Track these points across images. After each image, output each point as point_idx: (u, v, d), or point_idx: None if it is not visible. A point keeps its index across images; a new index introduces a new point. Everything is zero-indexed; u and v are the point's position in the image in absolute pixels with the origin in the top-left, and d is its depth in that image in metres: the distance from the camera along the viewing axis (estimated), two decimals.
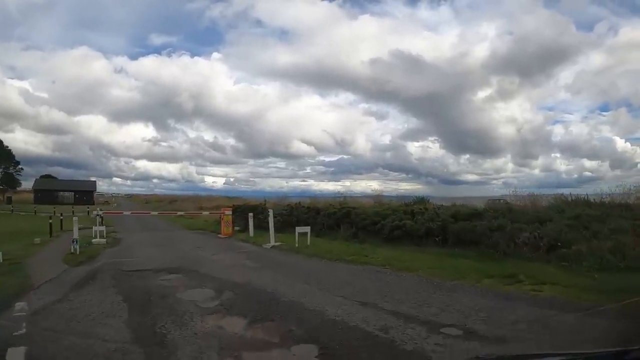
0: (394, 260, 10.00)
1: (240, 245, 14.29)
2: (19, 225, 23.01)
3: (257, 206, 19.15)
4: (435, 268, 9.07)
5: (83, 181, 79.97)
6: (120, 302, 6.74)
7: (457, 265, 9.32)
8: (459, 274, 8.48)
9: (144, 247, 13.81)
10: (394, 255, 10.74)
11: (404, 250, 11.50)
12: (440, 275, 8.43)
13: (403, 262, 9.79)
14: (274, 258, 11.09)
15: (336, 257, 10.70)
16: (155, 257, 11.51)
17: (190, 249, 13.27)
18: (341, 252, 11.43)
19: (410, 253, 11.02)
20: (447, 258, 10.30)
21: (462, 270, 8.79)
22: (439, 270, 8.83)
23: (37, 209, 42.29)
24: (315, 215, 16.59)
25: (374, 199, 21.32)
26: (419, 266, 9.29)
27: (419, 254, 10.85)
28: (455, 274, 8.45)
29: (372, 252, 11.24)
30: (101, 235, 16.28)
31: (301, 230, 12.88)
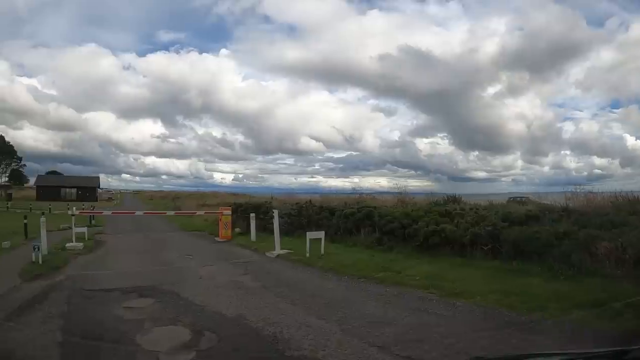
0: (437, 279, 7.63)
1: (239, 252, 12.02)
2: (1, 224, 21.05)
3: (260, 205, 16.85)
4: (497, 292, 6.67)
5: (86, 177, 78.75)
6: (54, 348, 4.63)
7: (525, 288, 6.90)
8: (534, 301, 6.08)
9: (125, 255, 11.65)
10: (436, 271, 8.37)
11: (445, 264, 9.11)
12: (509, 305, 6.05)
13: (451, 282, 7.41)
14: (279, 273, 8.76)
15: (360, 272, 8.34)
16: (132, 270, 9.39)
17: (178, 257, 11.03)
18: (365, 265, 9.08)
19: (455, 268, 8.63)
20: (506, 276, 7.91)
21: (535, 295, 6.38)
22: (504, 296, 6.45)
23: (34, 205, 40.70)
24: (329, 216, 14.25)
25: (397, 197, 18.95)
26: (474, 289, 6.92)
27: (468, 270, 8.46)
28: (529, 302, 6.06)
29: (405, 266, 8.88)
30: (81, 237, 14.35)
31: (313, 235, 10.57)
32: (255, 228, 14.03)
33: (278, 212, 11.78)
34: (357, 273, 8.32)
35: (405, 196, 19.13)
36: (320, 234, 10.70)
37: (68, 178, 78.61)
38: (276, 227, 11.27)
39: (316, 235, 10.64)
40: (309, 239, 10.32)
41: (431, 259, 9.68)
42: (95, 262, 10.50)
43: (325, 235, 11.78)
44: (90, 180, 77.47)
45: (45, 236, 11.59)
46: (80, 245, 12.62)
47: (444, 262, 9.35)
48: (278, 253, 10.86)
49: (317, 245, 10.49)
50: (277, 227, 11.27)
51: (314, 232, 10.90)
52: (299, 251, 10.98)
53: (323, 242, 10.58)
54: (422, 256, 10.08)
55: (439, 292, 6.94)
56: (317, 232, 10.90)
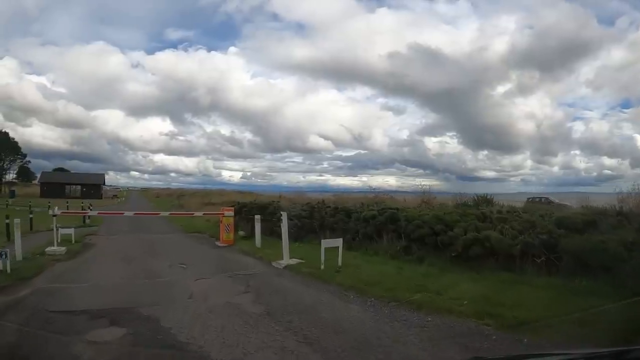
0: (490, 303, 5.99)
1: (241, 261, 10.45)
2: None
3: (267, 205, 15.26)
4: (572, 323, 5.03)
5: (91, 174, 78.03)
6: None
7: (609, 317, 5.29)
8: (623, 334, 4.44)
9: (110, 262, 10.18)
10: (484, 291, 6.71)
11: (493, 281, 7.46)
12: (597, 341, 4.42)
13: (508, 307, 5.75)
14: (288, 292, 7.13)
15: (389, 293, 6.70)
16: (113, 283, 7.91)
17: (169, 266, 9.49)
18: (394, 282, 7.46)
19: (506, 286, 6.95)
20: (572, 298, 6.28)
21: (622, 328, 4.74)
22: (582, 327, 4.83)
23: (35, 203, 39.65)
24: (345, 218, 12.64)
25: (420, 197, 17.34)
26: (541, 317, 5.32)
27: (522, 289, 6.79)
28: (616, 335, 4.44)
29: (444, 284, 7.24)
30: (68, 239, 13.10)
31: (329, 244, 8.97)
32: (260, 232, 12.45)
33: (287, 214, 10.16)
34: (385, 294, 6.70)
35: (428, 196, 17.54)
36: (337, 242, 9.11)
37: (73, 175, 78.09)
38: (285, 233, 9.69)
39: (332, 243, 9.05)
40: (324, 248, 8.73)
41: (473, 274, 8.06)
42: (73, 271, 9.04)
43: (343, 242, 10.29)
44: (95, 178, 76.68)
45: (19, 240, 10.22)
46: (62, 250, 11.19)
47: (490, 278, 7.72)
48: (287, 263, 9.28)
49: (333, 253, 8.90)
50: (285, 232, 9.69)
51: (330, 239, 9.32)
52: (311, 261, 9.43)
53: (341, 251, 8.98)
54: (460, 270, 8.47)
55: (496, 322, 5.31)
56: (334, 239, 9.31)
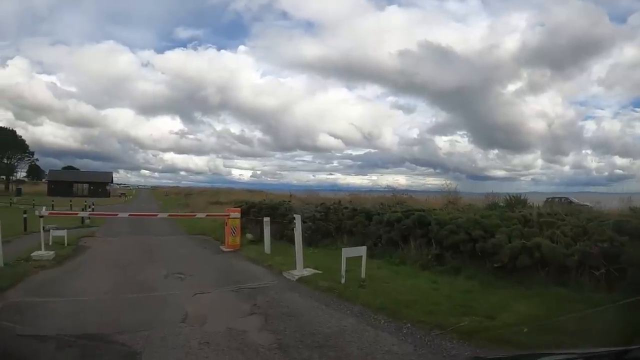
0: (554, 329, 4.74)
1: (248, 270, 9.22)
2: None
3: (277, 206, 14.02)
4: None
5: (98, 172, 77.85)
6: None
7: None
8: None
9: (100, 271, 9.04)
10: (541, 312, 5.50)
11: (548, 299, 6.20)
12: None
13: (576, 336, 4.46)
14: (304, 315, 5.82)
15: (429, 317, 5.41)
16: (96, 298, 6.75)
17: (165, 276, 8.30)
18: (431, 301, 6.19)
19: (565, 306, 5.61)
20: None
21: None
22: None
23: (38, 201, 39.05)
24: (365, 221, 11.39)
25: (445, 197, 15.96)
26: None
27: (584, 309, 5.48)
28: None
29: (493, 304, 5.96)
30: (60, 242, 12.15)
31: (351, 253, 7.71)
32: (270, 236, 11.22)
33: (300, 217, 8.91)
34: (424, 318, 5.42)
35: (455, 196, 16.18)
36: (360, 251, 7.85)
37: (80, 173, 78.09)
38: (298, 239, 8.43)
39: (355, 252, 7.80)
40: (345, 258, 7.47)
41: (522, 290, 6.79)
42: (56, 281, 7.93)
43: None
44: (103, 176, 76.52)
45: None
46: (49, 255, 10.11)
47: (544, 295, 6.46)
48: (300, 274, 8.03)
49: (354, 262, 7.66)
50: (299, 238, 8.44)
51: (352, 248, 8.06)
52: (328, 271, 8.21)
53: (364, 262, 7.73)
54: (505, 284, 7.22)
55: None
56: (356, 248, 8.06)
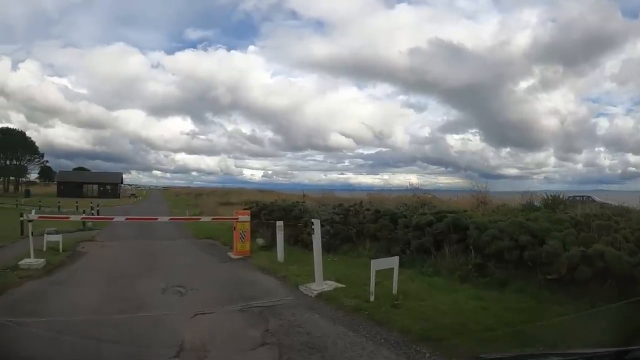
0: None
1: (258, 282, 8.12)
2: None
3: (291, 207, 12.91)
4: None
5: (108, 173, 77.76)
6: None
7: None
8: None
9: (91, 283, 8.03)
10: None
11: (623, 316, 5.01)
12: None
13: None
14: (328, 348, 4.65)
15: (485, 347, 4.26)
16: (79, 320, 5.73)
17: (163, 290, 7.24)
18: (482, 323, 5.05)
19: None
20: None
21: None
22: None
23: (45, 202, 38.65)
24: (390, 224, 10.25)
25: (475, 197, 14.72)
26: None
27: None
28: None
29: (561, 328, 4.84)
30: (55, 247, 11.26)
31: (381, 265, 6.57)
32: (282, 244, 10.05)
33: (319, 221, 7.76)
34: (480, 348, 4.27)
35: (485, 195, 14.93)
36: (391, 262, 6.70)
37: (90, 174, 78.22)
38: (317, 247, 7.29)
39: (385, 264, 6.67)
40: (374, 270, 6.34)
41: (588, 308, 5.60)
42: (39, 296, 6.97)
43: (389, 254, 7.98)
44: (113, 177, 76.38)
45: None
46: (39, 263, 9.20)
47: (611, 311, 5.25)
48: (320, 289, 6.91)
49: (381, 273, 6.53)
50: (318, 246, 7.29)
51: (382, 259, 6.89)
52: (352, 284, 7.14)
53: (396, 275, 6.59)
54: (563, 299, 6.11)
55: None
56: (387, 259, 6.91)
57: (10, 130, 70.68)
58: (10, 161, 69.55)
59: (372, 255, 10.18)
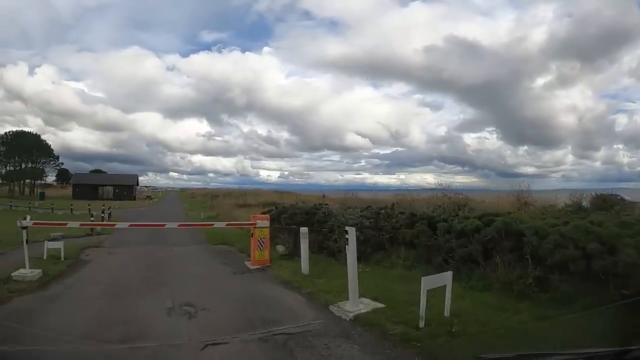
0: None
1: (281, 300, 7.00)
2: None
3: (314, 211, 11.80)
4: None
5: (124, 175, 77.96)
6: None
7: None
8: None
9: (88, 299, 7.06)
10: None
11: None
12: None
13: None
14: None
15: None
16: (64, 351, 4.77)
17: (169, 310, 6.21)
18: None
19: None
20: None
21: None
22: None
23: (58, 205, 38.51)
24: (428, 230, 9.10)
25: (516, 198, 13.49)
26: None
27: None
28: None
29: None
30: (56, 255, 10.50)
31: (433, 283, 5.45)
32: (307, 253, 8.91)
33: (353, 229, 6.60)
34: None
35: (526, 196, 13.70)
36: (443, 279, 5.59)
37: (105, 176, 78.77)
38: (352, 259, 6.14)
39: (437, 281, 5.55)
40: (425, 290, 5.24)
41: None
42: (27, 316, 6.06)
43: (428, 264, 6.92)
44: (128, 179, 76.54)
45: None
46: (34, 274, 8.36)
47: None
48: (357, 311, 5.82)
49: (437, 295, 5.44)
50: (353, 260, 6.15)
51: (433, 276, 5.72)
52: (393, 304, 6.10)
53: (449, 293, 5.48)
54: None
55: None
56: (439, 275, 5.75)
57: (25, 133, 71.57)
58: (26, 164, 70.25)
59: (408, 265, 9.11)
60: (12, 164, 69.18)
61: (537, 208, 12.66)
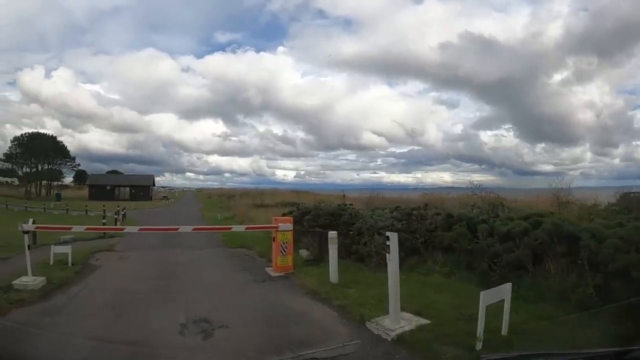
0: None
1: (310, 315, 6.21)
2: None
3: (339, 212, 10.99)
4: None
5: (140, 175, 78.22)
6: None
7: None
8: None
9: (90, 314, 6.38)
10: None
11: None
12: None
13: None
14: None
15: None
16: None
17: (181, 329, 5.47)
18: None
19: None
20: None
21: None
22: None
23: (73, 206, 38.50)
24: (467, 233, 8.26)
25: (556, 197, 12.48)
26: None
27: None
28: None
29: None
30: (64, 260, 9.87)
31: (492, 297, 4.64)
32: (336, 259, 8.08)
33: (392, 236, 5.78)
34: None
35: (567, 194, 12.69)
36: (501, 292, 4.78)
37: (121, 177, 79.34)
38: (394, 272, 5.33)
39: (495, 295, 4.74)
40: (484, 306, 4.43)
41: None
42: (21, 332, 5.45)
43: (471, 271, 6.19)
44: (144, 179, 76.78)
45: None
46: (37, 283, 7.77)
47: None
48: (400, 330, 5.03)
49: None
50: (395, 271, 5.35)
51: (492, 290, 4.86)
52: (439, 319, 5.33)
53: (508, 308, 4.67)
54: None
55: None
56: (497, 289, 4.89)
57: (41, 135, 72.33)
58: (42, 165, 70.98)
59: (446, 271, 8.29)
60: (28, 165, 69.92)
61: (577, 207, 11.71)
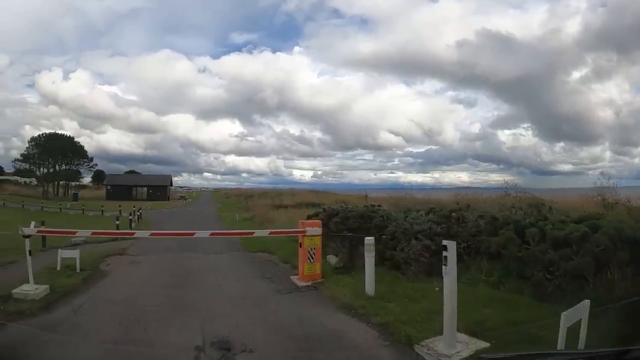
0: None
1: (345, 336, 5.35)
2: None
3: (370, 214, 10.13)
4: None
5: (157, 176, 78.73)
6: None
7: None
8: None
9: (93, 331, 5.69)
10: None
11: None
12: None
13: None
14: None
15: None
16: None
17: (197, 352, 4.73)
18: None
19: None
20: None
21: None
22: None
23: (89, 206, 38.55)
24: (515, 238, 7.38)
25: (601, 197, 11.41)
26: None
27: None
28: None
29: None
30: (72, 266, 9.41)
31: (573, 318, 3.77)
32: (372, 269, 7.13)
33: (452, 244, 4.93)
34: None
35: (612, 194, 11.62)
36: (581, 311, 3.94)
37: (138, 177, 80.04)
38: (451, 288, 4.54)
39: (575, 315, 3.90)
40: (565, 327, 3.60)
41: None
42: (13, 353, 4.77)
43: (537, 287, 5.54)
44: (162, 179, 77.28)
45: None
46: (38, 291, 7.20)
47: None
48: (458, 356, 4.19)
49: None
50: (453, 285, 4.56)
51: (574, 309, 3.91)
52: (498, 341, 4.48)
53: (585, 329, 3.84)
54: None
55: None
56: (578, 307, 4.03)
57: (58, 135, 73.26)
58: (60, 166, 71.85)
59: (493, 281, 7.44)
60: (45, 165, 70.81)
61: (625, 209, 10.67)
